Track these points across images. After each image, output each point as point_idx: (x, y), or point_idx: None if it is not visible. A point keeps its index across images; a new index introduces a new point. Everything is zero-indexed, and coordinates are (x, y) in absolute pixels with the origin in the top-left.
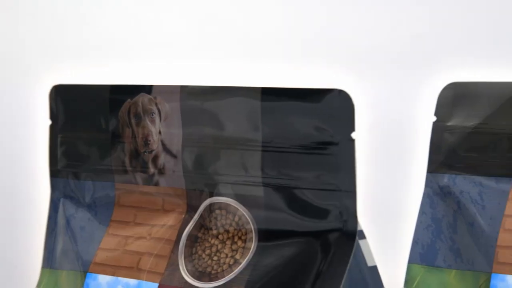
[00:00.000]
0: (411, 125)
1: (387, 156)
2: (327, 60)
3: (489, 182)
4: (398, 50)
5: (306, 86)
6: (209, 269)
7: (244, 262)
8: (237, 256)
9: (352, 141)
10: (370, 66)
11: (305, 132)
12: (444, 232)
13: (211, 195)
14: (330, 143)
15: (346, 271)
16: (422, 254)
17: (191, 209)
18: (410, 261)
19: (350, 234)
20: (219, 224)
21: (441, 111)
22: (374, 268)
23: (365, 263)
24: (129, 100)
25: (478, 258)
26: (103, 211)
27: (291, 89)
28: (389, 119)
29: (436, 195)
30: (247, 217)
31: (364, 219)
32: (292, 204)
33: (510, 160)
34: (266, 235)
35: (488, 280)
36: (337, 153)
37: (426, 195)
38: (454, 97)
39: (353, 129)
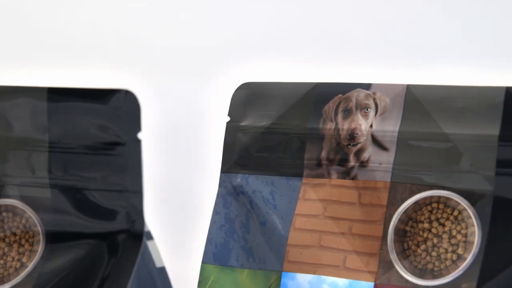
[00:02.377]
0: (205, 125)
1: (179, 156)
2: (114, 60)
3: (280, 182)
4: (190, 49)
5: (92, 86)
6: None
7: (31, 265)
8: (24, 259)
9: (139, 141)
10: (160, 66)
11: (92, 132)
12: (237, 232)
13: None
14: (117, 144)
15: (133, 272)
16: (216, 254)
17: None
18: (204, 261)
19: (137, 235)
20: (6, 227)
21: (234, 111)
22: (163, 269)
23: (154, 264)
24: None
25: (270, 257)
26: None
27: (78, 89)
28: (181, 119)
29: (230, 195)
30: (34, 219)
31: (155, 220)
32: (80, 206)
33: (300, 159)
34: (54, 237)
35: (278, 279)
36: (124, 154)
37: (219, 195)
38: (247, 97)
39: (139, 130)
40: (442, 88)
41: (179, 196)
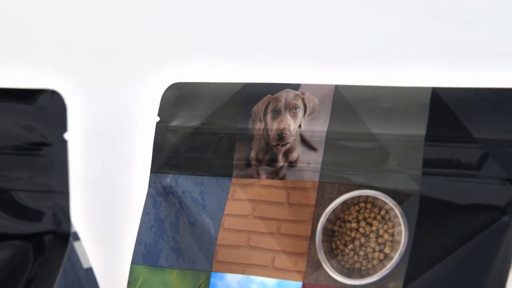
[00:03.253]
0: (134, 125)
1: (108, 156)
2: (41, 60)
3: (210, 182)
4: (119, 49)
5: (18, 86)
6: None
7: None
8: None
9: (65, 142)
10: (88, 66)
11: (18, 133)
12: (167, 232)
13: None
14: (43, 144)
15: (60, 273)
16: (145, 255)
17: None
18: (133, 262)
19: (64, 236)
20: None
21: (164, 112)
22: (90, 270)
23: (81, 265)
24: None
25: (199, 257)
26: None
27: (3, 89)
28: (110, 120)
29: (159, 195)
30: None
31: (84, 221)
32: (6, 206)
33: (230, 160)
34: None
35: (208, 279)
36: (50, 154)
37: (149, 195)
38: (177, 98)
39: (66, 130)
40: (370, 88)
41: (108, 196)
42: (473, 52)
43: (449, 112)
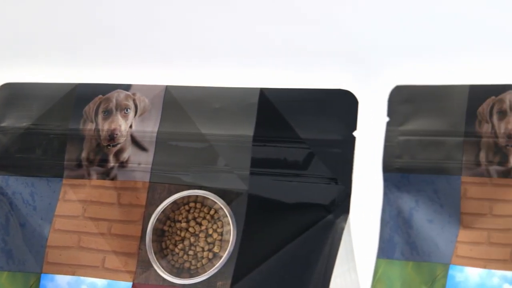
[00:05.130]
0: None
1: None
2: None
3: (40, 183)
4: None
5: None
6: None
7: None
8: None
9: None
10: None
11: None
12: None
13: None
14: None
15: None
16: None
17: None
18: None
19: None
20: None
21: None
22: None
23: None
24: None
25: (29, 259)
26: None
27: None
28: None
29: None
30: None
31: None
32: None
33: (61, 160)
34: None
35: (37, 281)
36: None
37: None
38: (7, 98)
39: None
40: (200, 89)
41: None
42: (301, 52)
43: (276, 113)
